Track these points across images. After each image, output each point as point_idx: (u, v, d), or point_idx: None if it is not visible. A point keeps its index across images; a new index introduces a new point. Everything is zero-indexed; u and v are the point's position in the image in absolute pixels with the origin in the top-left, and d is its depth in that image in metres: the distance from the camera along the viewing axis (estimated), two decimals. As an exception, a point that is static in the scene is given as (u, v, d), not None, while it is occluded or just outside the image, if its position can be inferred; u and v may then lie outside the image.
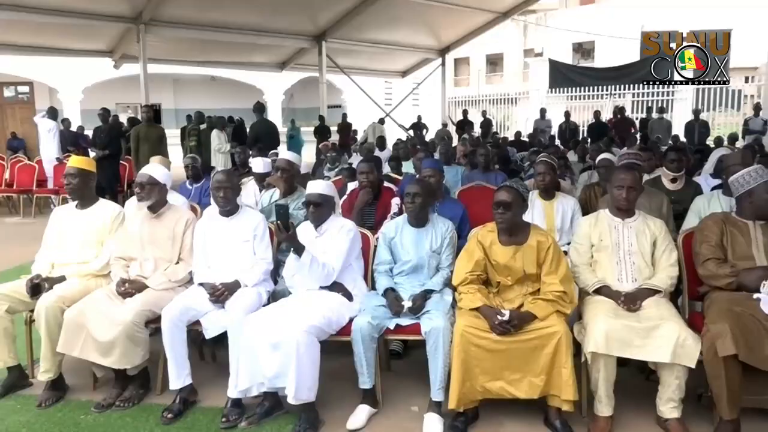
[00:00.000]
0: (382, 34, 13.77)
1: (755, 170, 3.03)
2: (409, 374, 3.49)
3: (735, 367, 2.58)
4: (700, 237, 3.11)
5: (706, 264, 3.01)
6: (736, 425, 2.65)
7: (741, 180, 3.05)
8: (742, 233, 3.01)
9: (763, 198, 2.96)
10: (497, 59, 30.16)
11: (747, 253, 2.96)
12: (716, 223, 3.08)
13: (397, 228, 3.43)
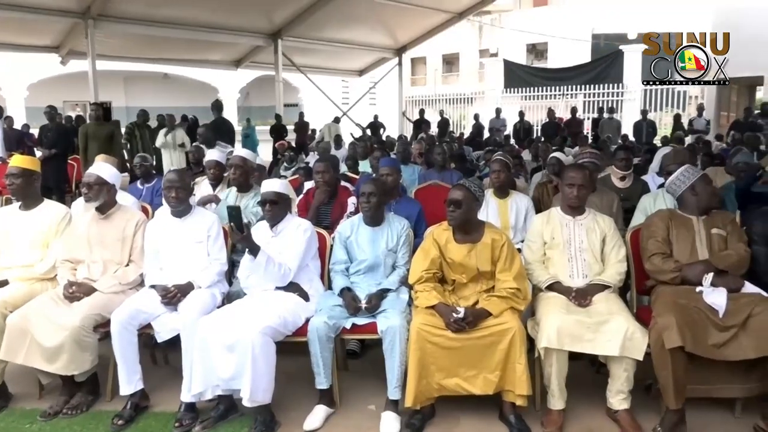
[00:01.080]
0: (338, 32, 13.71)
1: (686, 170, 3.22)
2: (367, 373, 3.49)
3: (681, 358, 2.67)
4: (646, 233, 3.20)
5: (653, 259, 3.10)
6: (681, 414, 2.75)
7: (678, 181, 3.20)
8: (687, 228, 3.11)
9: (706, 191, 3.11)
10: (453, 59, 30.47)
11: (691, 248, 3.06)
12: (662, 219, 3.18)
13: (353, 227, 3.42)
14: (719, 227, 3.10)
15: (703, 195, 3.12)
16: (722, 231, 3.09)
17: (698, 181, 3.13)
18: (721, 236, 3.07)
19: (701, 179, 3.14)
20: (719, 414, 2.98)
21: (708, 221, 3.13)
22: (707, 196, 3.12)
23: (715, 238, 3.06)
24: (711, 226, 3.11)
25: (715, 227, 3.10)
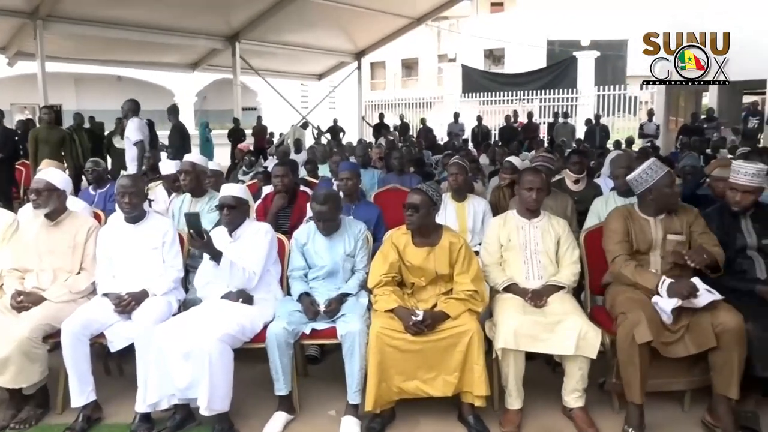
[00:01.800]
0: (297, 36, 13.64)
1: (651, 166, 3.08)
2: (327, 378, 3.48)
3: (647, 353, 2.75)
4: (607, 234, 3.17)
5: (617, 261, 3.05)
6: (642, 408, 2.82)
7: (640, 178, 3.09)
8: (644, 229, 3.11)
9: (663, 192, 3.04)
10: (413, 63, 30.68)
11: (648, 248, 3.09)
12: (620, 219, 3.14)
13: (309, 234, 3.40)
14: (677, 231, 3.06)
15: (661, 197, 3.06)
16: (681, 237, 3.05)
17: (660, 179, 3.03)
18: (680, 242, 3.04)
19: (664, 178, 3.04)
20: (670, 408, 3.09)
21: (666, 222, 3.09)
22: (666, 197, 3.06)
23: (672, 242, 3.05)
24: (668, 229, 3.07)
25: (673, 231, 3.06)
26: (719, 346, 2.73)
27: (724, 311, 2.76)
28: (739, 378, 2.73)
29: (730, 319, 2.72)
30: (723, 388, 2.76)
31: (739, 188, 3.08)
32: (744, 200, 3.08)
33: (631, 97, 18.28)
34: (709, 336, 2.74)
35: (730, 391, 2.74)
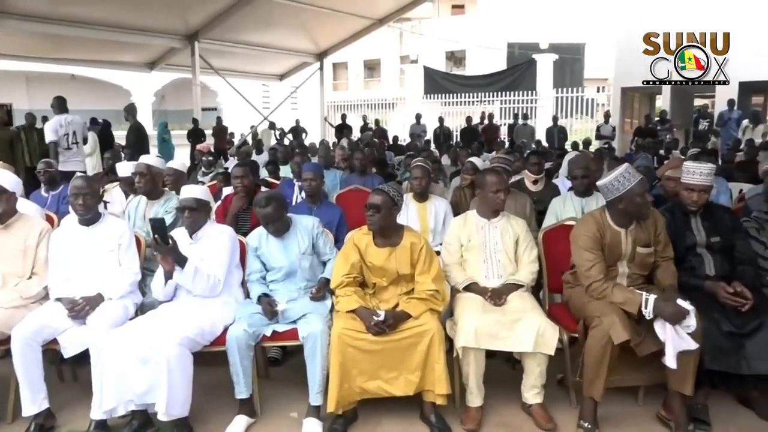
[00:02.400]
0: (258, 36, 13.49)
1: (624, 173, 2.94)
2: (289, 380, 3.46)
3: (615, 353, 2.80)
4: (578, 252, 3.07)
5: (595, 286, 2.96)
6: (596, 403, 2.88)
7: (612, 185, 2.96)
8: (615, 241, 3.03)
9: (634, 201, 2.92)
10: (375, 64, 30.71)
11: (617, 260, 3.05)
12: (591, 234, 3.03)
13: (261, 238, 3.37)
14: (646, 243, 3.03)
15: (631, 206, 2.94)
16: (649, 249, 3.04)
17: (633, 188, 2.90)
18: (649, 254, 3.05)
19: (636, 186, 2.90)
20: (625, 402, 3.17)
21: (636, 234, 3.03)
22: (637, 206, 2.94)
23: (640, 256, 3.04)
24: (638, 241, 3.02)
25: (642, 243, 3.02)
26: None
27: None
28: (693, 374, 2.82)
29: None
30: (678, 385, 2.84)
31: (696, 188, 3.16)
32: (700, 199, 3.17)
33: (589, 99, 18.73)
34: None
35: (685, 388, 2.82)
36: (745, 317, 2.86)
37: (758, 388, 3.08)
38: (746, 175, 6.45)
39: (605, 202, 3.10)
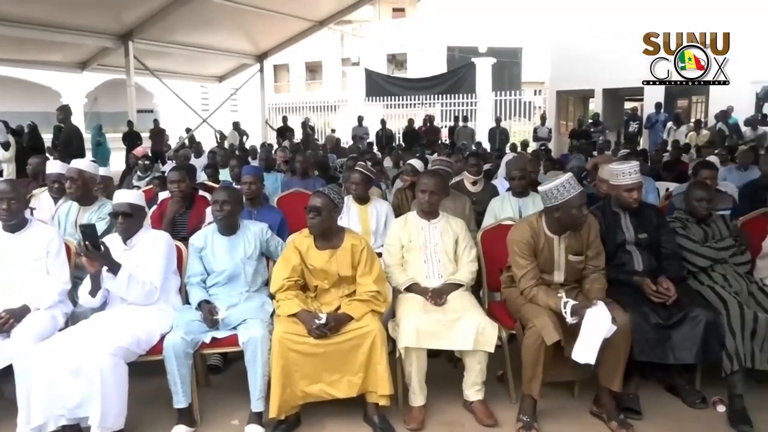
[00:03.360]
0: (195, 36, 13.19)
1: (565, 183, 2.96)
2: (230, 387, 3.39)
3: (551, 354, 2.88)
4: (513, 258, 3.12)
5: (526, 292, 3.04)
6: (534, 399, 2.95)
7: (551, 193, 2.97)
8: (549, 248, 3.10)
9: (570, 213, 2.95)
10: (316, 67, 30.55)
11: (549, 268, 3.12)
12: (525, 235, 3.09)
13: (207, 238, 3.32)
14: (578, 251, 3.09)
15: (567, 216, 2.97)
16: (579, 257, 3.10)
17: (571, 199, 2.92)
18: (579, 261, 3.11)
19: (574, 198, 2.93)
20: (562, 396, 3.27)
21: (569, 241, 3.08)
22: (572, 218, 2.97)
23: (572, 265, 3.11)
24: (570, 249, 3.08)
25: (574, 252, 3.09)
26: (609, 343, 2.91)
27: (615, 312, 2.88)
28: (622, 372, 2.93)
29: (621, 321, 2.85)
30: (607, 381, 2.95)
31: (635, 186, 3.29)
32: (639, 195, 3.32)
33: (526, 102, 19.23)
34: None
35: (613, 384, 2.94)
36: (670, 310, 3.01)
37: (683, 376, 3.25)
38: (672, 174, 6.79)
39: (543, 208, 3.13)
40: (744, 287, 3.22)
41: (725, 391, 3.03)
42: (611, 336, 2.77)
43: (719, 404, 3.09)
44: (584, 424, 3.03)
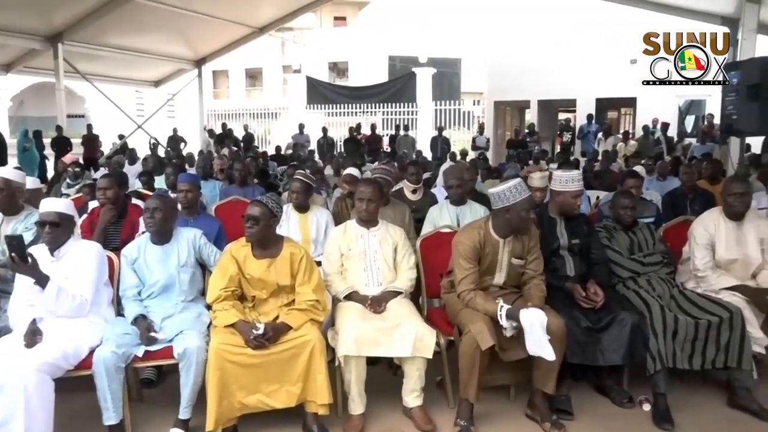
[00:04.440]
0: (130, 40, 12.80)
1: (516, 186, 3.04)
2: (165, 402, 3.27)
3: (487, 359, 2.94)
4: (456, 260, 3.16)
5: (463, 295, 3.10)
6: (471, 403, 3.01)
7: (502, 194, 3.03)
8: (494, 250, 3.16)
9: (519, 215, 3.02)
10: (257, 73, 30.17)
11: (491, 270, 3.19)
12: (473, 238, 3.13)
13: (140, 248, 3.23)
14: (520, 255, 3.18)
15: (516, 218, 3.05)
16: (521, 261, 3.19)
17: (521, 201, 3.01)
18: (520, 266, 3.20)
19: (524, 201, 3.02)
20: (499, 400, 3.34)
21: (512, 245, 3.16)
22: (520, 220, 3.06)
23: (515, 267, 3.19)
24: (513, 252, 3.17)
25: (516, 255, 3.17)
26: None
27: (551, 316, 2.98)
28: (555, 375, 3.03)
29: (554, 324, 2.95)
30: (541, 384, 3.05)
31: (579, 193, 3.46)
32: (580, 202, 3.47)
33: (466, 111, 19.64)
34: None
35: (547, 387, 3.04)
36: (599, 314, 3.14)
37: (612, 377, 3.39)
38: (602, 183, 7.09)
39: (491, 211, 3.21)
40: (666, 291, 3.39)
41: (651, 390, 3.17)
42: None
43: (645, 403, 3.23)
44: (520, 426, 3.11)
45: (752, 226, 3.51)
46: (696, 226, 3.60)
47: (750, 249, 3.48)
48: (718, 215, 3.57)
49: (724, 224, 3.53)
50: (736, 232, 3.51)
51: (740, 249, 3.49)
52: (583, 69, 16.20)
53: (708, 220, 3.57)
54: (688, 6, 10.11)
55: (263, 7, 13.50)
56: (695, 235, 3.55)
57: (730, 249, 3.48)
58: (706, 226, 3.54)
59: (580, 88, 16.51)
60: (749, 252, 3.48)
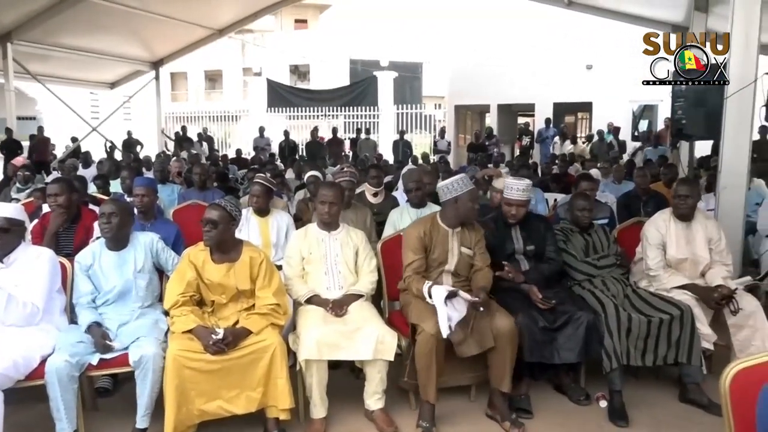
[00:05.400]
0: (84, 40, 12.45)
1: (462, 179, 3.26)
2: (120, 411, 3.20)
3: (442, 358, 2.97)
4: (405, 249, 3.32)
5: (407, 279, 3.26)
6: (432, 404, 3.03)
7: (450, 186, 3.23)
8: (444, 239, 3.29)
9: (466, 205, 3.22)
10: (217, 76, 29.77)
11: (443, 258, 3.29)
12: (419, 230, 3.28)
13: (95, 254, 3.15)
14: (468, 246, 3.31)
15: (463, 208, 3.23)
16: (470, 251, 3.32)
17: (467, 192, 3.22)
18: (469, 256, 3.32)
19: (469, 192, 3.23)
20: (459, 400, 3.38)
21: (461, 235, 3.31)
22: (467, 210, 3.24)
23: (464, 256, 3.31)
24: (462, 242, 3.30)
25: (465, 245, 3.31)
26: (496, 346, 3.06)
27: (500, 315, 3.09)
28: (510, 373, 3.09)
29: (504, 324, 3.05)
30: (497, 383, 3.10)
31: (513, 203, 3.49)
32: (518, 213, 3.51)
33: (427, 115, 19.79)
34: (489, 338, 3.06)
35: (503, 385, 3.09)
36: (555, 313, 3.21)
37: (569, 375, 3.47)
38: (560, 186, 7.23)
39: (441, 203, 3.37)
40: (620, 291, 3.49)
41: (607, 387, 3.25)
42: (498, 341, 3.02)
43: (602, 400, 3.31)
44: (481, 426, 3.14)
45: (700, 227, 3.64)
46: (648, 227, 3.72)
47: (698, 248, 3.61)
48: (669, 216, 3.70)
49: (674, 225, 3.65)
50: (686, 232, 3.64)
51: (689, 248, 3.62)
52: (542, 74, 16.54)
53: (659, 220, 3.70)
54: (640, 14, 10.45)
55: (222, 8, 13.33)
56: (647, 236, 3.68)
57: (680, 248, 3.61)
58: (657, 227, 3.67)
59: (539, 92, 16.85)
60: (698, 251, 3.61)
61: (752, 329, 3.33)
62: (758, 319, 3.33)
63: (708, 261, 3.61)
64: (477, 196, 3.35)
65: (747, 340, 3.33)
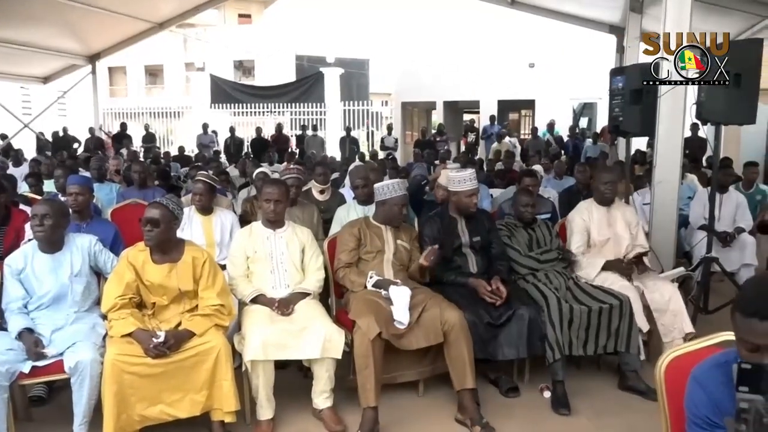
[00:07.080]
0: (12, 32, 11.81)
1: (395, 184, 3.52)
2: (56, 420, 3.07)
3: (380, 353, 2.96)
4: (339, 243, 3.51)
5: (338, 272, 3.45)
6: (376, 410, 2.96)
7: (382, 189, 3.49)
8: (377, 235, 3.48)
9: (392, 209, 3.47)
10: (157, 71, 28.89)
11: (381, 247, 3.46)
12: (354, 229, 3.50)
13: (26, 257, 2.99)
14: (403, 240, 3.52)
15: (389, 211, 3.48)
16: (407, 244, 3.52)
17: (396, 197, 3.45)
18: (405, 248, 3.51)
19: (399, 198, 3.46)
20: (406, 396, 3.39)
21: (395, 232, 3.53)
22: (392, 214, 3.48)
23: (400, 248, 3.49)
24: (397, 237, 3.51)
25: (400, 239, 3.51)
26: (448, 342, 3.08)
27: (449, 309, 3.12)
28: (471, 366, 3.07)
29: (453, 316, 3.08)
30: (460, 382, 3.07)
31: (473, 192, 3.58)
32: (477, 200, 3.64)
33: (374, 112, 19.81)
34: (438, 332, 3.09)
35: (466, 383, 3.06)
36: (500, 309, 3.26)
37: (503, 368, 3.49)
38: (504, 182, 7.37)
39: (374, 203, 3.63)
40: (563, 284, 3.58)
41: (550, 378, 3.33)
42: (449, 335, 3.06)
43: (545, 390, 3.39)
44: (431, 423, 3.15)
45: (619, 212, 3.98)
46: (573, 215, 4.02)
47: (619, 229, 3.91)
48: (591, 204, 4.01)
49: (596, 210, 3.96)
50: (607, 216, 3.94)
51: (611, 230, 3.91)
52: (486, 72, 16.82)
53: (583, 209, 4.00)
54: (580, 14, 10.75)
55: (162, 1, 12.93)
56: (572, 223, 3.96)
57: (602, 230, 3.90)
58: (581, 215, 3.95)
59: (483, 90, 17.14)
60: (618, 231, 3.90)
61: (673, 313, 3.56)
62: (676, 302, 3.57)
63: (629, 242, 3.86)
64: (406, 203, 3.57)
65: (670, 323, 3.55)
